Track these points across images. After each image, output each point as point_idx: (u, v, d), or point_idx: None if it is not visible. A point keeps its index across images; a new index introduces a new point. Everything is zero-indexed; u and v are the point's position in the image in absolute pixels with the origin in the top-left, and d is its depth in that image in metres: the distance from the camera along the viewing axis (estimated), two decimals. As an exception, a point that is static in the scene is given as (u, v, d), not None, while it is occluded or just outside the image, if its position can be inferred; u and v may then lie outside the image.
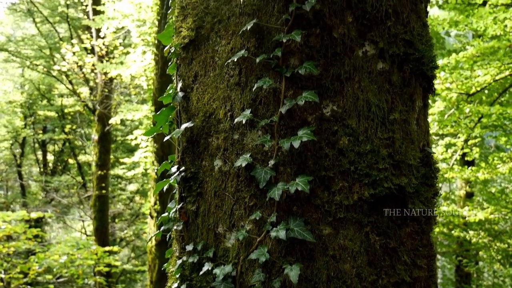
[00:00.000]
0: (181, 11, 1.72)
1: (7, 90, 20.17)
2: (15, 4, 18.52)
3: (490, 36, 7.85)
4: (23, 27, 20.64)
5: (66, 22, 15.84)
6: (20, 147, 19.69)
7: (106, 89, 12.41)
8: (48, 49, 16.30)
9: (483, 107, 7.92)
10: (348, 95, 1.48)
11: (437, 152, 9.51)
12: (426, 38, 1.63)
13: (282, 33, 1.48)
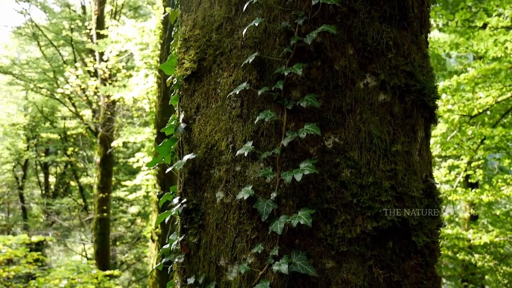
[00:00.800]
0: (183, 43, 1.74)
1: (10, 112, 20.31)
2: (21, 28, 18.76)
3: (491, 58, 7.89)
4: (27, 50, 20.91)
5: (70, 45, 16.03)
6: (23, 169, 19.71)
7: (109, 111, 12.47)
8: (52, 72, 16.45)
9: (486, 129, 7.92)
10: (350, 127, 1.48)
11: (440, 174, 9.47)
12: (427, 69, 1.63)
13: (284, 65, 1.49)
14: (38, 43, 16.92)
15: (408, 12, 1.59)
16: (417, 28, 1.64)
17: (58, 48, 16.65)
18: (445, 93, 7.80)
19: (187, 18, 1.74)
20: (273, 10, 1.53)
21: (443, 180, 9.92)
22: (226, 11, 1.60)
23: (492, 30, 7.11)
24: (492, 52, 7.54)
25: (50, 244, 18.35)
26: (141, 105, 11.38)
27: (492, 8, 7.14)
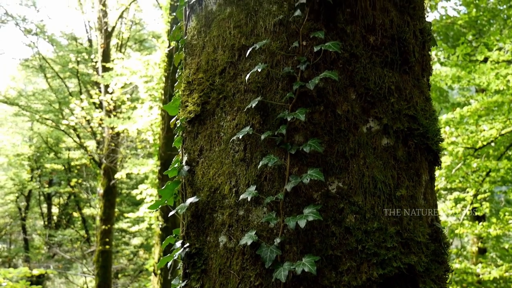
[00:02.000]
0: (187, 86, 1.75)
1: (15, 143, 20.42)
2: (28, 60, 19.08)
3: (493, 90, 7.93)
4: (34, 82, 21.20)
5: (76, 77, 16.26)
6: (26, 200, 19.67)
7: (113, 143, 12.52)
8: (58, 103, 16.63)
9: (491, 162, 7.89)
10: (353, 172, 1.47)
11: (446, 207, 9.37)
12: (430, 112, 1.64)
13: (287, 110, 1.50)
14: (44, 75, 17.17)
15: (409, 57, 1.60)
16: (418, 72, 1.65)
17: (64, 80, 16.88)
18: (448, 126, 7.81)
19: (191, 61, 1.77)
20: (276, 55, 1.55)
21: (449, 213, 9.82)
22: (229, 56, 1.62)
23: (493, 63, 7.17)
24: (494, 85, 7.58)
25: (51, 277, 18.13)
26: (145, 136, 11.43)
27: (493, 42, 7.23)
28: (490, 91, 7.95)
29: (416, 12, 1.67)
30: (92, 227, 17.20)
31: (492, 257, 10.23)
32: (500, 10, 10.27)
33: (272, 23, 1.57)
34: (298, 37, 1.53)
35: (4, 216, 20.90)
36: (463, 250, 10.83)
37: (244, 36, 1.60)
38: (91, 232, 17.19)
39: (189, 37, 1.80)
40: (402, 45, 1.59)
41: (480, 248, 10.57)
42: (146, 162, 10.60)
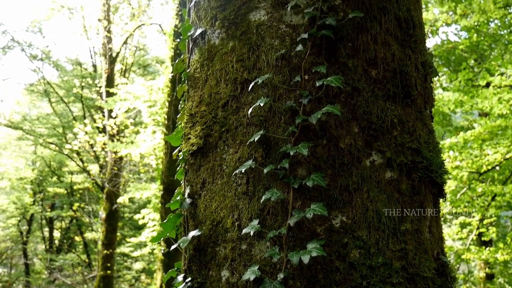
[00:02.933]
0: (190, 118, 1.76)
1: (18, 167, 20.46)
2: (33, 85, 19.27)
3: (496, 115, 7.94)
4: (38, 106, 21.36)
5: (80, 101, 16.38)
6: (28, 224, 19.59)
7: (116, 167, 12.53)
8: (61, 128, 16.72)
9: (496, 187, 7.83)
10: (357, 206, 1.46)
11: (452, 232, 9.27)
12: (433, 145, 1.63)
13: (289, 144, 1.50)
14: (49, 99, 17.32)
15: (411, 90, 1.61)
16: (421, 104, 1.66)
17: (69, 104, 17.02)
18: (452, 150, 7.79)
19: (193, 94, 1.78)
20: (278, 89, 1.56)
21: (455, 238, 9.70)
22: (231, 89, 1.63)
23: (496, 88, 7.20)
24: (497, 109, 7.60)
25: (51, 302, 17.92)
26: (148, 161, 11.44)
27: (494, 68, 7.27)
28: (493, 115, 7.96)
29: (417, 46, 1.68)
30: (94, 252, 17.07)
31: (500, 283, 10.06)
32: (501, 35, 10.36)
33: (275, 57, 1.58)
34: (300, 71, 1.55)
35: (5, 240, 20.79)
36: (470, 276, 10.66)
37: (246, 70, 1.62)
38: (92, 256, 17.05)
39: (192, 70, 1.81)
40: (404, 78, 1.60)
41: (487, 274, 10.40)
42: (149, 186, 10.58)
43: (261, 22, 1.63)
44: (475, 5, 8.69)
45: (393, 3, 1.65)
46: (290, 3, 1.59)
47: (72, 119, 16.43)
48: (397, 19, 1.65)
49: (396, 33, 1.64)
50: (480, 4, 8.76)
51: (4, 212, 19.04)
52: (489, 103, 7.46)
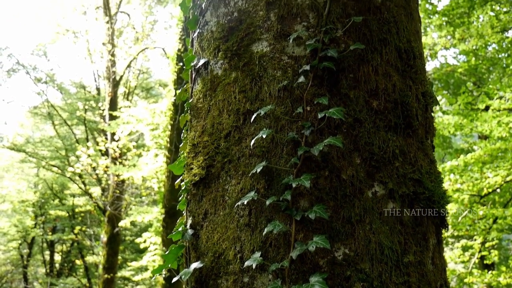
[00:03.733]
0: (192, 148, 1.77)
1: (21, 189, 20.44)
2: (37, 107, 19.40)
3: (496, 137, 7.95)
4: (42, 129, 21.48)
5: (83, 124, 16.47)
6: (28, 247, 19.46)
7: (118, 190, 12.51)
8: (64, 150, 16.77)
9: (497, 210, 7.79)
10: (359, 238, 1.46)
11: (454, 255, 9.18)
12: (435, 175, 1.64)
13: (292, 175, 1.50)
14: (52, 122, 17.42)
15: (412, 120, 1.62)
16: (422, 134, 1.66)
17: (72, 127, 17.11)
18: (453, 173, 7.78)
19: (196, 124, 1.79)
20: (280, 120, 1.57)
21: (457, 261, 9.60)
22: (234, 120, 1.65)
23: (495, 111, 7.24)
24: (496, 132, 7.62)
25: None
26: (150, 184, 11.43)
27: (493, 91, 7.32)
28: (493, 138, 7.98)
29: (418, 76, 1.70)
30: (95, 276, 16.89)
31: (505, 308, 9.88)
32: (499, 59, 10.46)
33: (277, 88, 1.60)
34: (302, 102, 1.56)
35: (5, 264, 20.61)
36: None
37: (249, 101, 1.63)
38: (93, 280, 16.87)
39: (195, 100, 1.83)
40: (405, 109, 1.61)
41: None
42: (151, 210, 10.54)
43: (263, 53, 1.65)
44: (473, 29, 8.80)
45: (393, 35, 1.68)
46: (292, 35, 1.61)
47: (75, 141, 16.49)
48: (398, 50, 1.68)
49: (396, 64, 1.66)
50: (478, 29, 8.88)
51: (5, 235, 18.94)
52: (488, 126, 7.49)
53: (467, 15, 9.03)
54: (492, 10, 9.03)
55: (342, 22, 1.63)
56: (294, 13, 1.65)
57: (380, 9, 1.68)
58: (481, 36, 8.88)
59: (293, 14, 1.65)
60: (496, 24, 8.74)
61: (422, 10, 9.55)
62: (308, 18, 1.64)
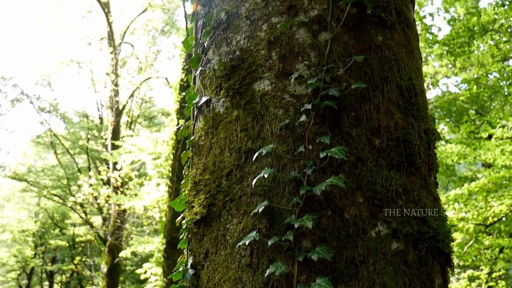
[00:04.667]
0: (193, 186, 1.76)
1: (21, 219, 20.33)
2: (39, 136, 19.48)
3: (500, 166, 7.92)
4: (44, 158, 21.52)
5: (86, 153, 16.49)
6: (27, 277, 19.22)
7: (119, 219, 12.43)
8: (66, 179, 16.75)
9: (503, 239, 7.69)
10: (363, 279, 1.43)
11: (461, 286, 9.01)
12: (439, 213, 1.62)
13: (294, 215, 1.48)
14: (55, 151, 17.47)
15: (415, 158, 1.61)
16: (425, 172, 1.65)
17: (74, 156, 17.14)
18: (457, 202, 7.72)
19: (197, 161, 1.79)
20: (282, 159, 1.56)
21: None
22: (236, 158, 1.64)
23: (498, 140, 7.23)
24: (500, 160, 7.60)
25: None
26: (151, 213, 11.36)
27: (495, 120, 7.34)
28: (496, 166, 7.95)
29: (420, 114, 1.70)
30: (94, 307, 16.57)
31: None
32: (500, 87, 10.53)
33: (278, 127, 1.60)
34: (304, 141, 1.56)
35: (4, 295, 20.29)
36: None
37: (250, 140, 1.63)
38: (92, 312, 16.56)
39: (197, 137, 1.83)
40: (407, 147, 1.61)
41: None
42: (152, 240, 10.44)
43: (265, 92, 1.66)
44: (474, 58, 8.89)
45: (394, 73, 1.69)
46: (293, 74, 1.62)
47: (77, 170, 16.49)
48: (399, 88, 1.68)
49: (398, 102, 1.67)
50: (479, 58, 8.97)
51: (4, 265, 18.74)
52: (492, 155, 7.48)
53: (468, 45, 9.13)
54: (492, 39, 9.15)
55: (343, 60, 1.64)
56: (295, 52, 1.67)
57: (381, 48, 1.70)
58: (482, 65, 8.96)
59: (294, 53, 1.67)
60: (496, 53, 8.83)
61: (422, 40, 9.68)
62: (310, 57, 1.65)
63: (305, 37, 1.67)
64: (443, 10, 10.70)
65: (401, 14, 1.82)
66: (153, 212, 11.02)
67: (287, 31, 1.69)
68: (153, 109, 17.60)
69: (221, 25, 1.85)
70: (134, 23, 15.72)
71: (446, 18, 11.09)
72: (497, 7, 8.32)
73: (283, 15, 1.72)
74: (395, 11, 1.79)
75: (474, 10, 9.61)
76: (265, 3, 1.76)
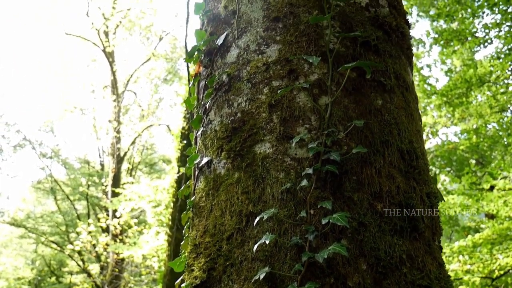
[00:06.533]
0: (194, 248, 1.73)
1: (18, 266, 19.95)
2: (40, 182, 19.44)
3: (503, 217, 7.85)
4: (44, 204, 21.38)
5: (86, 199, 16.40)
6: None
7: (117, 268, 12.18)
8: (65, 226, 16.56)
9: (511, 293, 7.49)
10: None
11: None
12: (444, 280, 1.58)
13: (296, 282, 1.45)
14: (55, 197, 17.37)
15: (418, 223, 1.59)
16: (429, 237, 1.63)
17: (74, 202, 17.03)
18: (462, 255, 7.58)
19: (198, 223, 1.77)
20: (284, 223, 1.55)
21: None
22: (236, 221, 1.62)
23: (500, 191, 7.19)
24: (503, 212, 7.53)
25: None
26: (150, 262, 11.14)
27: (497, 172, 7.33)
28: (500, 217, 7.87)
29: (421, 177, 1.70)
30: None
31: None
32: (500, 136, 10.59)
33: (280, 191, 1.59)
34: (305, 205, 1.55)
35: None
36: None
37: (251, 203, 1.62)
38: None
39: (197, 198, 1.82)
40: (410, 211, 1.59)
41: None
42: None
43: (266, 155, 1.67)
44: (472, 109, 8.99)
45: (395, 136, 1.70)
46: (294, 138, 1.63)
47: (76, 217, 16.33)
48: (400, 152, 1.69)
49: (399, 165, 1.67)
50: (477, 108, 9.08)
51: (-3, 315, 18.21)
52: (495, 206, 7.42)
53: (465, 96, 9.26)
54: (490, 90, 9.29)
55: (344, 124, 1.66)
56: (296, 116, 1.69)
57: (381, 111, 1.72)
58: (481, 116, 9.05)
59: (295, 117, 1.69)
60: (494, 104, 8.95)
61: (421, 91, 9.83)
62: (310, 121, 1.67)
63: (306, 100, 1.70)
64: (440, 62, 10.94)
65: (400, 77, 1.85)
66: (152, 262, 10.81)
67: (288, 94, 1.72)
68: (154, 156, 17.65)
69: (223, 87, 1.88)
70: (137, 71, 16.06)
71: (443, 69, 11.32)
72: (492, 60, 8.51)
73: (283, 79, 1.76)
74: (394, 75, 1.83)
75: (470, 62, 9.82)
76: (266, 67, 1.79)
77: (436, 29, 9.73)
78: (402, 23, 2.00)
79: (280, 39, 1.82)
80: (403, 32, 1.97)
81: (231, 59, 1.90)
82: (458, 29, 8.83)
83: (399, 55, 1.91)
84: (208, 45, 2.03)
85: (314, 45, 1.78)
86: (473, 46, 8.81)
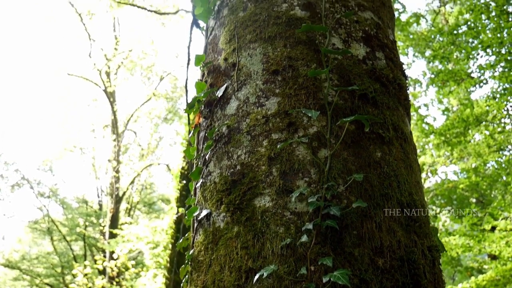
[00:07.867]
0: (192, 304, 1.69)
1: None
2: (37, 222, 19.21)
3: (506, 258, 7.74)
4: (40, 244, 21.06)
5: (82, 240, 16.18)
6: None
7: (113, 312, 11.87)
8: (60, 267, 16.27)
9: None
10: None
11: None
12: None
13: None
14: (51, 237, 17.14)
15: (420, 279, 1.57)
16: None
17: (70, 242, 16.79)
18: (466, 298, 7.43)
19: (196, 278, 1.74)
20: (284, 280, 1.52)
21: None
22: (236, 278, 1.60)
23: (502, 232, 7.13)
24: (506, 252, 7.44)
25: None
26: (147, 306, 10.86)
27: (497, 212, 7.29)
28: (503, 258, 7.76)
29: (422, 230, 1.68)
30: None
31: None
32: (499, 175, 10.58)
33: (280, 246, 1.57)
34: (305, 261, 1.52)
35: None
36: None
37: (251, 258, 1.60)
38: None
39: (196, 252, 1.80)
40: (412, 267, 1.57)
41: None
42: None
43: (266, 209, 1.66)
44: (470, 148, 9.02)
45: (394, 189, 1.70)
46: (294, 192, 1.63)
47: (72, 258, 16.06)
48: (400, 205, 1.68)
49: (400, 219, 1.65)
50: (475, 148, 9.11)
51: None
52: (497, 247, 7.33)
53: (463, 135, 9.31)
54: (487, 129, 9.35)
55: (343, 177, 1.66)
56: (296, 169, 1.69)
57: (380, 164, 1.72)
58: (479, 155, 9.07)
59: (295, 170, 1.69)
60: (492, 143, 8.99)
61: (419, 130, 9.89)
62: (310, 174, 1.67)
63: (305, 153, 1.70)
64: (437, 101, 11.07)
65: (398, 129, 1.87)
66: (149, 305, 10.54)
67: (287, 147, 1.73)
68: (153, 195, 17.55)
69: (223, 139, 1.89)
70: (138, 111, 16.19)
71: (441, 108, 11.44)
72: (488, 100, 8.61)
73: (283, 131, 1.77)
74: (392, 127, 1.84)
75: (466, 101, 9.94)
76: (265, 120, 1.81)
77: (432, 70, 9.91)
78: (399, 74, 2.04)
79: (279, 92, 1.84)
80: (400, 84, 2.00)
81: (231, 111, 1.92)
82: (454, 69, 8.98)
83: (396, 107, 1.93)
84: (208, 96, 2.06)
85: (313, 98, 1.80)
86: (469, 86, 8.93)
